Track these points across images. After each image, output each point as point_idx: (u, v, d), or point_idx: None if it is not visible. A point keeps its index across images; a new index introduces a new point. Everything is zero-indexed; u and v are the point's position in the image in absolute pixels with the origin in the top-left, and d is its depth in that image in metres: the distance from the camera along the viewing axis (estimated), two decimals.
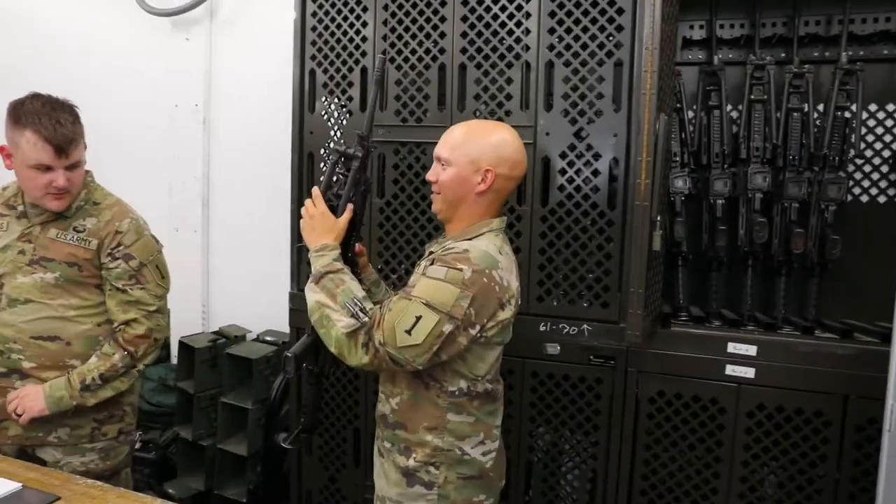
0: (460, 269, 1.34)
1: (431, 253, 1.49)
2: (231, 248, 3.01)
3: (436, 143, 1.88)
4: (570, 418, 1.91)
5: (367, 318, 1.35)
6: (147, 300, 1.75)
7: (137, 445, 2.74)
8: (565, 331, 1.88)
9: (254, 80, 2.86)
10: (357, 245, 1.56)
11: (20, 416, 1.68)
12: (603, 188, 1.82)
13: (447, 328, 1.33)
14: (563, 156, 1.85)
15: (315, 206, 1.48)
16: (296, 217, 2.12)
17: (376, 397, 1.59)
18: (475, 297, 1.34)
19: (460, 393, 1.45)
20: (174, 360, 2.97)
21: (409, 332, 1.32)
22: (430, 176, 1.52)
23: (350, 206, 1.50)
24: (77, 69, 3.23)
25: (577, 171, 1.84)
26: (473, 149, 1.44)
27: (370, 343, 1.33)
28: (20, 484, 1.43)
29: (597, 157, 1.82)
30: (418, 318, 1.32)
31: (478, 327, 1.37)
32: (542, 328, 1.89)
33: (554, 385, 1.91)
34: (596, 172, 1.82)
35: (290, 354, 1.50)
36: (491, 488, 1.55)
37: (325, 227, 1.47)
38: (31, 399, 1.68)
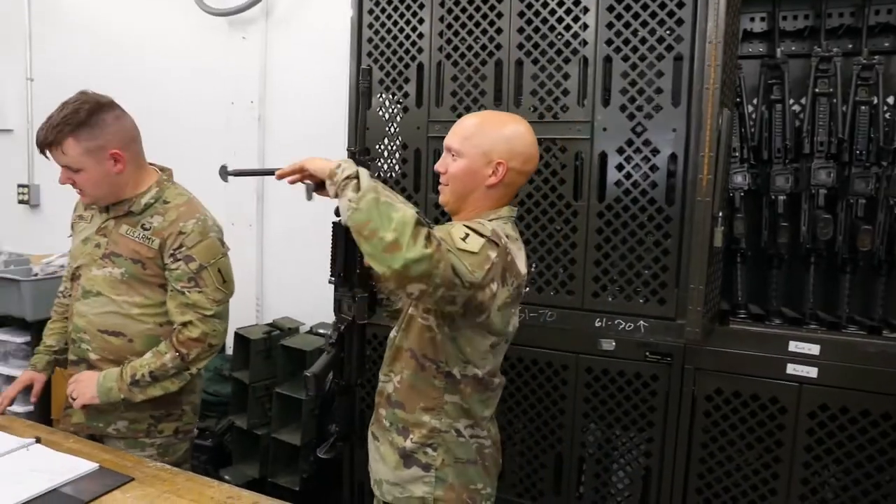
0: (482, 225, 1.30)
1: None
2: (285, 243, 3.08)
3: None
4: (625, 414, 1.90)
5: (431, 225, 1.24)
6: (204, 304, 1.70)
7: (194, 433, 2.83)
8: (621, 327, 1.87)
9: (308, 78, 2.91)
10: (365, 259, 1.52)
11: (75, 399, 1.72)
12: (661, 184, 1.81)
13: (492, 254, 1.26)
14: (620, 151, 1.83)
15: None
16: None
17: None
18: (498, 255, 1.29)
19: (455, 374, 1.41)
20: (229, 351, 3.05)
21: (463, 240, 1.24)
22: (438, 166, 1.45)
23: None
24: (138, 68, 3.36)
25: (635, 167, 1.83)
26: (486, 140, 1.39)
27: (431, 237, 1.17)
28: (97, 464, 1.51)
29: (655, 152, 1.80)
30: (467, 234, 1.26)
31: (494, 287, 1.29)
32: (597, 324, 1.89)
33: (609, 381, 1.90)
34: (654, 168, 1.81)
35: (310, 374, 1.46)
36: (490, 479, 1.52)
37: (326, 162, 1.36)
38: (84, 385, 1.71)
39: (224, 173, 1.33)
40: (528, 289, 1.95)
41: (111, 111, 1.67)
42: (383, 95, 2.12)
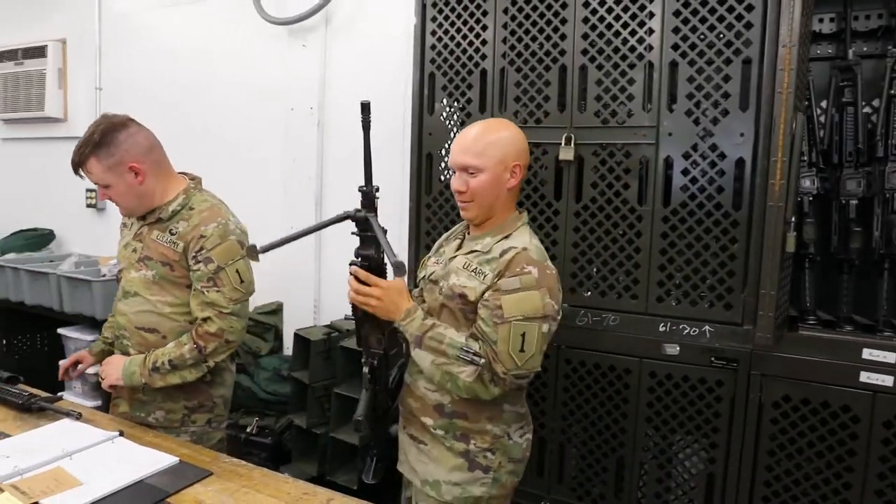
0: (529, 273, 1.43)
1: (475, 251, 1.53)
2: (341, 246, 3.13)
3: (556, 144, 1.91)
4: (689, 420, 1.89)
5: (483, 360, 1.43)
6: (221, 302, 1.79)
7: (254, 431, 2.91)
8: (685, 332, 1.86)
9: (367, 84, 2.96)
10: None
11: (104, 379, 1.86)
12: (728, 188, 1.79)
13: (545, 328, 1.45)
14: (686, 156, 1.83)
15: (372, 285, 1.46)
16: (414, 215, 2.21)
17: None
18: (550, 289, 1.45)
19: (516, 386, 1.52)
20: (288, 352, 3.13)
21: (522, 350, 1.42)
22: (458, 186, 1.54)
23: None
24: (200, 77, 3.48)
25: (701, 172, 1.81)
26: (497, 149, 1.51)
27: (495, 377, 1.44)
28: (178, 458, 1.57)
29: (721, 157, 1.79)
30: (524, 335, 1.42)
31: (559, 315, 1.50)
32: (661, 328, 1.88)
33: (672, 386, 1.89)
34: (720, 173, 1.79)
35: (360, 418, 1.53)
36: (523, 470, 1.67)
37: (396, 297, 1.47)
38: (112, 367, 1.85)
39: (253, 252, 1.39)
40: (589, 293, 1.96)
41: (124, 129, 1.78)
42: (446, 101, 2.15)
